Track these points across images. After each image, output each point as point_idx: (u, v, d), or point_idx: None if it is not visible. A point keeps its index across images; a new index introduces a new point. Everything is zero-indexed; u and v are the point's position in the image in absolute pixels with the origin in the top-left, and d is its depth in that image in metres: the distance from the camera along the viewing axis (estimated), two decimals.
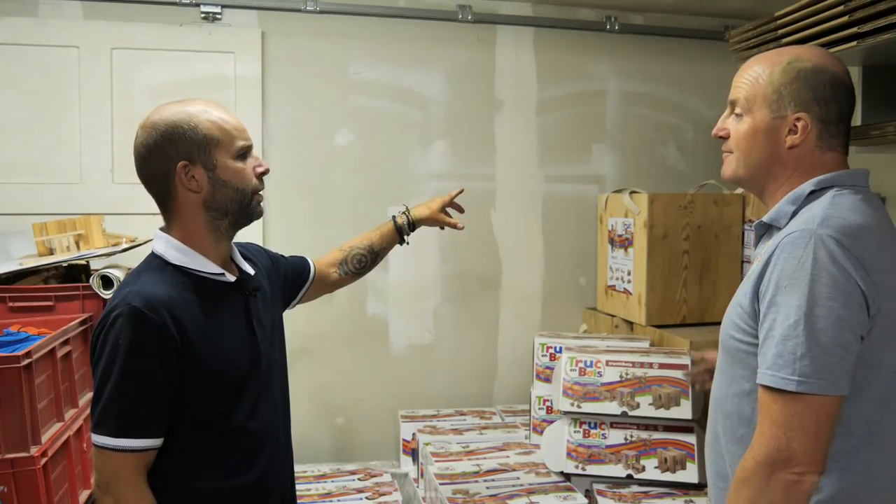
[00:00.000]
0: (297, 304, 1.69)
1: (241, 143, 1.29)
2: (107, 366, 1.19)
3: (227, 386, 1.28)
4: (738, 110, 1.26)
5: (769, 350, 1.11)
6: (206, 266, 1.29)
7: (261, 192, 1.34)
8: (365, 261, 1.77)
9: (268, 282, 1.47)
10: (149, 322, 1.18)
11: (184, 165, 1.24)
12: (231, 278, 1.33)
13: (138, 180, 1.30)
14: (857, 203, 1.16)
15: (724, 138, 1.29)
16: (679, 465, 2.00)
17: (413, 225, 1.84)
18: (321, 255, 1.76)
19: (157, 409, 1.21)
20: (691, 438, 2.02)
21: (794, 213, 1.20)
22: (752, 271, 1.21)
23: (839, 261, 1.07)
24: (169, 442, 1.24)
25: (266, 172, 1.34)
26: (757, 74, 1.24)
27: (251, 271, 1.40)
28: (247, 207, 1.31)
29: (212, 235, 1.30)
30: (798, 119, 1.20)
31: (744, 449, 1.18)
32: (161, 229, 1.33)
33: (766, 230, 1.29)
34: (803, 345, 1.07)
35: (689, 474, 1.99)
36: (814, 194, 1.19)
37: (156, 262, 1.29)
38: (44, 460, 1.62)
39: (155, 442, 1.21)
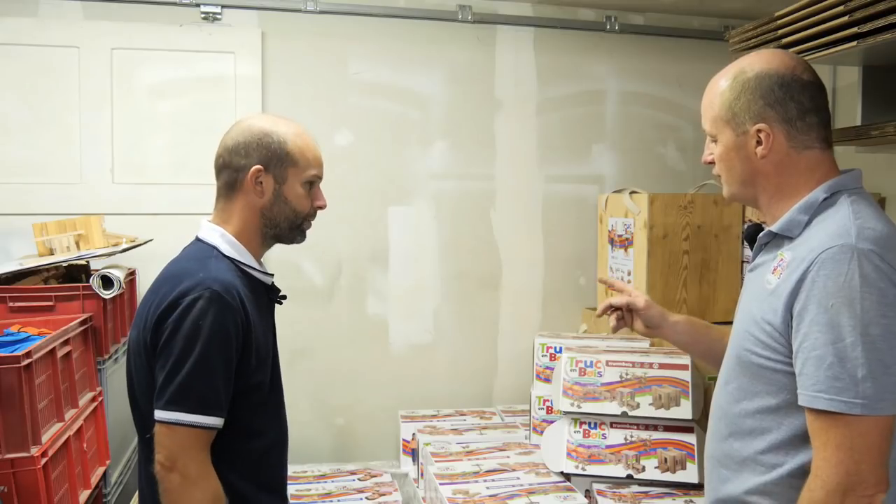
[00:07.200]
0: None
1: (313, 171, 1.39)
2: (186, 345, 1.21)
3: (262, 384, 1.32)
4: (709, 135, 1.29)
5: (820, 372, 1.07)
6: (253, 263, 1.36)
7: (311, 221, 1.42)
8: None
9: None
10: (229, 306, 1.23)
11: (258, 169, 1.33)
12: (270, 280, 1.41)
13: (138, 180, 1.33)
14: (874, 209, 1.16)
15: (712, 164, 1.31)
16: (679, 465, 2.00)
17: None
18: (321, 253, 1.77)
19: (227, 390, 1.24)
20: (691, 438, 2.02)
21: (808, 222, 1.18)
22: (776, 286, 1.17)
23: (887, 275, 1.07)
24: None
25: (322, 208, 1.42)
26: (710, 99, 1.26)
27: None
28: (296, 229, 1.40)
29: (259, 239, 1.38)
30: (759, 130, 1.20)
31: (759, 466, 1.17)
32: (211, 221, 1.37)
33: (772, 238, 1.26)
34: (864, 366, 1.04)
35: (689, 474, 1.99)
36: (826, 201, 1.18)
37: (214, 252, 1.33)
38: (44, 460, 1.61)
39: (221, 422, 1.24)
